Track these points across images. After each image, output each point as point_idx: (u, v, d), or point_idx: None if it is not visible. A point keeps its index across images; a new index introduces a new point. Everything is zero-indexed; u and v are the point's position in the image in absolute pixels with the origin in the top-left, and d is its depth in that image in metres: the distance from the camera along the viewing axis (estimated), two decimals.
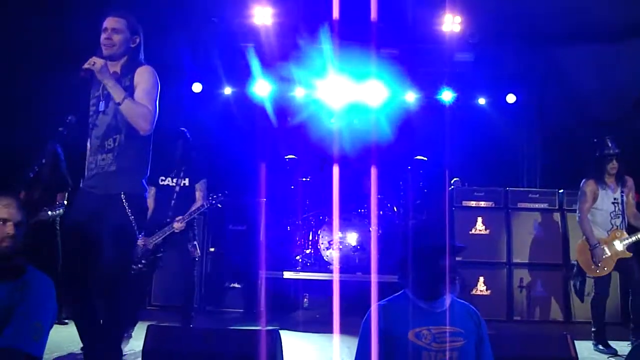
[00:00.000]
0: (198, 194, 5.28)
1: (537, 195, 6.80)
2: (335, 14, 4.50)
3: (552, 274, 6.50)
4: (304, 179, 7.04)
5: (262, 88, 7.81)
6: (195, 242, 5.24)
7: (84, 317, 3.32)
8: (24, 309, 2.60)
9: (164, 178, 5.21)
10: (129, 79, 3.34)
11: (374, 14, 4.66)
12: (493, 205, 6.75)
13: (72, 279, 3.28)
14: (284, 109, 7.88)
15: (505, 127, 8.21)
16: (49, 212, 5.19)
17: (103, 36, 3.37)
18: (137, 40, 3.44)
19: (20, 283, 2.68)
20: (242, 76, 7.88)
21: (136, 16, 3.50)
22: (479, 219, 6.67)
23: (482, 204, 6.77)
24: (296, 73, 7.65)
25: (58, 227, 5.35)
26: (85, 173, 3.44)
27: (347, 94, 7.70)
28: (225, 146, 7.45)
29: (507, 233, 6.64)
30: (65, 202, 5.36)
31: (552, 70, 7.97)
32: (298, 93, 7.94)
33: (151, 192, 5.05)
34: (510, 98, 8.09)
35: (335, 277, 6.49)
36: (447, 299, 2.56)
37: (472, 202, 6.78)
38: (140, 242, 4.84)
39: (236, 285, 6.71)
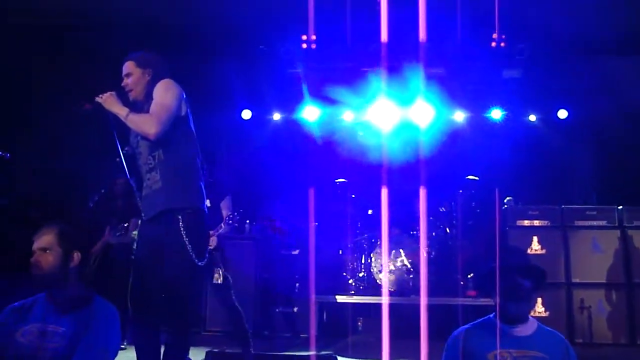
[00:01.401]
0: (224, 213, 5.29)
1: (595, 213, 6.62)
2: (384, 36, 4.51)
3: (615, 293, 6.28)
4: (356, 204, 7.03)
5: (310, 113, 7.87)
6: (220, 268, 5.19)
7: (146, 343, 3.27)
8: (89, 339, 2.66)
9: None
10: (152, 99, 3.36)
11: (422, 35, 4.65)
12: (549, 223, 6.60)
13: (137, 304, 3.26)
14: (332, 133, 7.92)
15: (558, 144, 8.05)
16: (133, 234, 5.33)
17: (122, 84, 3.45)
18: (150, 73, 3.44)
19: (86, 313, 2.74)
20: (290, 102, 7.98)
21: (148, 49, 3.55)
22: (535, 239, 6.53)
23: (537, 222, 6.63)
24: (344, 97, 7.69)
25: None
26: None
27: (395, 115, 7.69)
28: (275, 171, 7.52)
29: (564, 252, 6.47)
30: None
31: (603, 83, 7.80)
32: (347, 116, 7.97)
33: None
34: (562, 114, 7.94)
35: (385, 300, 6.44)
36: (533, 324, 2.52)
37: (527, 221, 6.65)
38: None
39: (290, 309, 6.72)
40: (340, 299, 6.57)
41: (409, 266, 6.62)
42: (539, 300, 6.27)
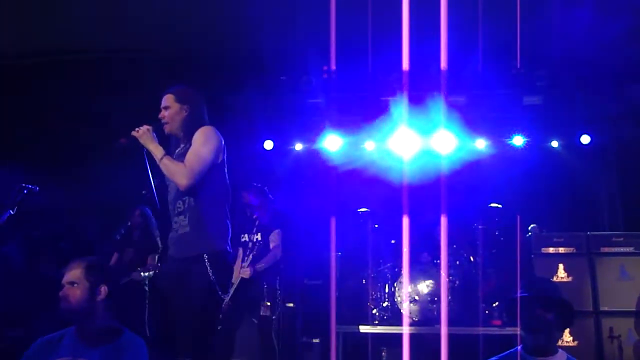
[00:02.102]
0: (272, 245, 5.34)
1: (622, 239, 6.50)
2: (405, 64, 4.54)
3: (636, 322, 6.14)
4: (379, 233, 7.01)
5: (332, 143, 7.91)
6: (267, 301, 5.21)
7: None
8: None
9: (243, 235, 5.32)
10: (190, 144, 3.42)
11: (443, 63, 4.69)
12: (574, 250, 6.49)
13: (162, 343, 3.35)
14: (354, 162, 7.94)
15: (582, 169, 7.99)
16: (142, 273, 5.35)
17: (160, 115, 3.55)
18: (188, 109, 3.51)
19: (115, 346, 2.77)
20: (312, 132, 8.03)
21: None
22: (561, 266, 6.43)
23: (563, 250, 6.53)
24: (366, 126, 7.74)
25: (147, 289, 5.51)
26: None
27: (416, 144, 7.70)
28: (297, 202, 7.55)
29: (591, 279, 6.35)
30: (158, 264, 5.51)
31: (626, 108, 7.76)
32: (368, 146, 8.00)
33: (239, 253, 5.14)
34: (585, 139, 7.88)
35: (405, 330, 6.37)
36: (562, 357, 2.48)
37: (552, 249, 6.55)
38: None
39: (313, 340, 6.67)
40: (363, 329, 6.52)
41: (433, 295, 6.56)
42: (567, 330, 6.15)
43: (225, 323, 5.00)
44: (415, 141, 7.71)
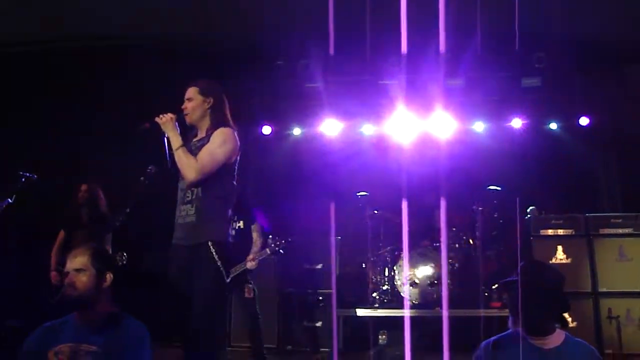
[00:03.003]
0: (255, 235, 5.44)
1: (620, 220, 6.53)
2: (403, 48, 4.50)
3: None
4: (378, 216, 7.02)
5: (330, 127, 7.90)
6: (250, 283, 5.36)
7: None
8: (123, 357, 2.71)
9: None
10: (208, 139, 3.55)
11: (442, 46, 4.66)
12: (573, 232, 6.53)
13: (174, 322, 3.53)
14: (353, 146, 7.94)
15: (580, 151, 7.98)
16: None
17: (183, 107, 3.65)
18: (211, 101, 3.63)
19: (116, 332, 2.79)
20: (310, 116, 8.02)
21: (212, 78, 3.71)
22: (559, 248, 6.46)
23: (562, 232, 6.56)
24: (363, 110, 7.73)
25: None
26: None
27: (415, 127, 7.69)
28: (296, 186, 7.55)
29: (590, 261, 6.38)
30: (124, 256, 5.38)
31: (626, 89, 7.74)
32: (366, 130, 7.99)
33: None
34: (583, 120, 7.87)
35: (406, 313, 6.41)
36: (560, 335, 2.49)
37: (551, 231, 6.58)
38: None
39: (313, 324, 6.71)
40: (364, 312, 6.56)
41: (432, 278, 6.58)
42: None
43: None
44: (414, 125, 7.70)
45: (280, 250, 5.41)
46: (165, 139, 3.56)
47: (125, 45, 7.22)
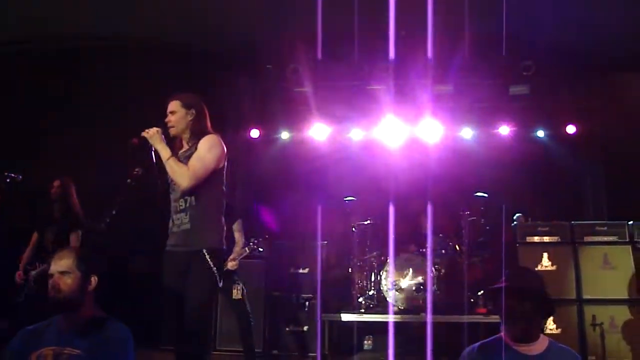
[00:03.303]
0: (237, 235, 5.45)
1: (605, 228, 6.56)
2: (391, 53, 4.55)
3: (628, 310, 6.22)
4: (366, 222, 7.02)
5: (318, 131, 7.90)
6: (238, 284, 5.37)
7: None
8: None
9: None
10: (195, 148, 3.69)
11: (430, 52, 4.70)
12: (559, 239, 6.55)
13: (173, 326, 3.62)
14: (341, 151, 7.95)
15: (567, 159, 8.03)
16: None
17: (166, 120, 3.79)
18: (194, 113, 3.76)
19: (102, 335, 2.76)
20: (298, 120, 8.02)
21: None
22: (545, 255, 6.49)
23: (547, 239, 6.59)
24: (352, 115, 7.74)
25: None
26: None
27: (403, 133, 7.73)
28: (284, 190, 7.55)
29: (575, 268, 6.41)
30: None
31: (612, 98, 7.81)
32: (355, 134, 8.01)
33: None
34: (570, 129, 7.92)
35: (391, 318, 6.41)
36: (544, 342, 2.50)
37: (537, 238, 6.60)
38: None
39: (299, 328, 6.70)
40: (350, 317, 6.55)
41: (418, 284, 6.59)
42: (550, 318, 6.20)
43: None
44: (402, 130, 7.73)
45: (260, 249, 5.42)
46: (153, 152, 3.68)
47: (114, 45, 7.19)
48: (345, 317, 6.55)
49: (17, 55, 7.13)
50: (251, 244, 5.37)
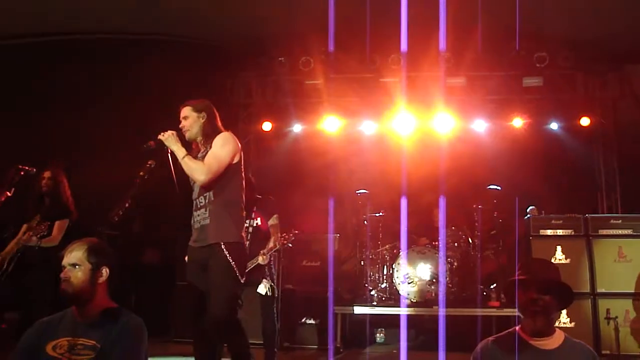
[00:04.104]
0: (272, 230, 5.41)
1: (620, 221, 6.50)
2: (403, 45, 4.53)
3: (636, 304, 6.15)
4: (377, 214, 7.01)
5: (331, 124, 7.90)
6: (267, 280, 5.34)
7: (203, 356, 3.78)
8: (120, 352, 2.70)
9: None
10: (210, 147, 3.87)
11: (442, 44, 4.67)
12: (572, 233, 6.50)
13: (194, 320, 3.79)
14: (353, 143, 7.94)
15: (581, 151, 7.97)
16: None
17: (180, 126, 3.99)
18: (204, 116, 3.96)
19: (115, 326, 2.78)
20: (310, 113, 8.01)
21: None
22: (559, 248, 6.44)
23: (561, 232, 6.54)
24: (364, 107, 7.72)
25: None
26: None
27: (415, 125, 7.70)
28: (296, 183, 7.54)
29: (589, 261, 6.36)
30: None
31: (627, 90, 7.73)
32: (366, 127, 7.99)
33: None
34: (584, 121, 7.86)
35: (403, 311, 6.41)
36: (560, 337, 2.48)
37: (550, 231, 6.55)
38: None
39: (311, 321, 6.71)
40: (358, 310, 6.56)
41: (431, 277, 6.58)
42: (564, 311, 6.15)
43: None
44: (414, 123, 7.70)
45: (289, 244, 5.42)
46: (169, 154, 3.85)
47: (131, 40, 7.20)
48: (358, 310, 6.55)
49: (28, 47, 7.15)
50: (281, 238, 5.37)
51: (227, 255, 3.67)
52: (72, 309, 2.87)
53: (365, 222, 7.10)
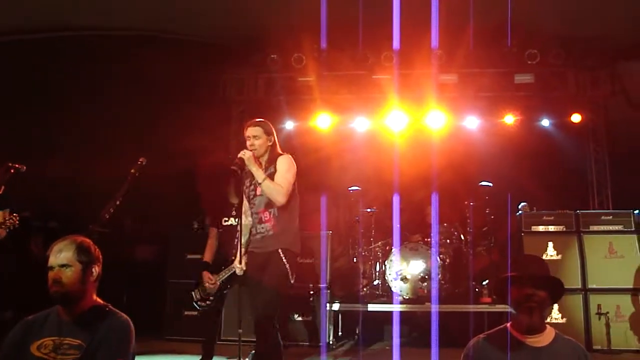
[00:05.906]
0: None
1: (610, 217, 6.55)
2: (396, 43, 4.55)
3: (633, 299, 6.19)
4: (369, 210, 7.02)
5: (323, 121, 7.89)
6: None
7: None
8: (107, 351, 2.67)
9: (226, 219, 5.46)
10: (274, 167, 4.28)
11: (434, 42, 4.68)
12: (564, 229, 6.54)
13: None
14: (345, 140, 7.94)
15: (572, 148, 8.01)
16: None
17: (247, 143, 4.31)
18: (272, 139, 4.39)
19: (102, 325, 2.74)
20: (303, 110, 8.00)
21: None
22: (550, 244, 6.47)
23: (553, 228, 6.57)
24: (356, 104, 7.72)
25: None
26: (250, 237, 4.39)
27: (407, 122, 7.71)
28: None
29: (580, 257, 6.40)
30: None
31: (617, 87, 7.77)
32: (359, 124, 7.99)
33: (212, 233, 5.56)
34: (575, 117, 7.89)
35: (396, 308, 6.42)
36: (550, 334, 2.48)
37: (542, 227, 6.59)
38: (208, 280, 5.11)
39: (303, 318, 6.71)
40: (351, 307, 6.56)
41: (423, 274, 6.59)
42: (555, 306, 6.20)
43: (213, 301, 5.35)
44: (407, 120, 7.71)
45: None
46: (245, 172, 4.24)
47: (122, 36, 7.16)
48: (350, 306, 6.55)
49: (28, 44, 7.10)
50: None
51: (284, 258, 4.11)
52: (57, 307, 2.82)
53: (357, 219, 7.10)
